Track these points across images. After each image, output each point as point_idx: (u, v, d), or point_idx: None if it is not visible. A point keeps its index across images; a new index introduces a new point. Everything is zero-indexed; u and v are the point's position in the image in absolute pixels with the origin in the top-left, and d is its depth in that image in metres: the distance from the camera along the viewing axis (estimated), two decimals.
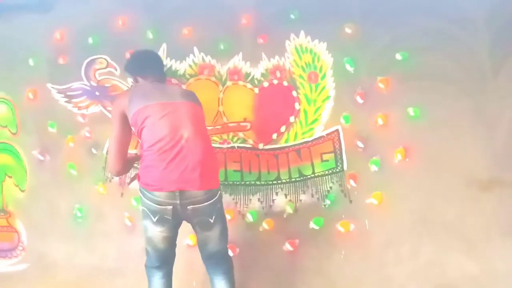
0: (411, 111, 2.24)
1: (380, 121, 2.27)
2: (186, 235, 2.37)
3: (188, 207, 1.86)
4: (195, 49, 2.51)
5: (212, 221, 1.90)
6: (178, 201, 1.84)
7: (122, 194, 2.60)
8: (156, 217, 1.89)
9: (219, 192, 1.96)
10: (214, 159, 1.99)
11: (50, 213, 2.71)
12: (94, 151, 2.65)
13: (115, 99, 2.05)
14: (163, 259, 1.99)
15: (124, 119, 1.96)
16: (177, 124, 1.88)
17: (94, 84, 2.68)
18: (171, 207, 1.86)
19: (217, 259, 1.99)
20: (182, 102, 1.95)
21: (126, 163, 2.02)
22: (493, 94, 2.18)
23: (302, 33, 2.37)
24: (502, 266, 2.14)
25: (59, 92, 2.73)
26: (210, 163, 1.92)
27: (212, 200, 1.89)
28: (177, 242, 2.03)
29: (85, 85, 2.69)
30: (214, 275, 2.01)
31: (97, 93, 2.67)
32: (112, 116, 2.00)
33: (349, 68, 2.32)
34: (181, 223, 1.98)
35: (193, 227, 1.96)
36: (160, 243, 1.95)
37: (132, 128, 1.99)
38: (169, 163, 1.84)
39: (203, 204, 1.87)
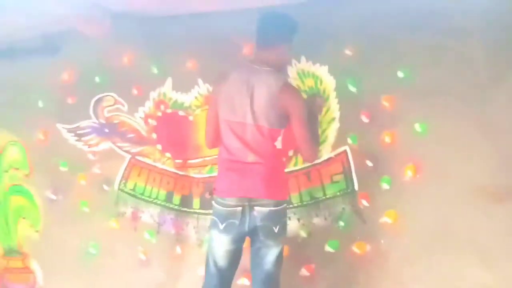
0: (417, 127, 2.24)
1: (387, 139, 2.28)
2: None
3: (255, 209, 1.93)
4: (200, 81, 2.56)
5: (276, 231, 1.94)
6: (246, 203, 1.93)
7: (135, 228, 2.60)
8: (224, 224, 1.93)
9: (286, 205, 2.04)
10: (282, 171, 2.08)
11: (65, 252, 2.71)
12: (105, 187, 2.68)
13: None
14: (222, 277, 1.99)
15: None
16: None
17: (103, 121, 2.73)
18: (240, 208, 1.92)
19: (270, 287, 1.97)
20: None
21: None
22: (495, 103, 2.18)
23: (303, 58, 2.41)
24: None
25: (69, 131, 2.78)
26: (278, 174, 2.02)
27: (278, 208, 1.95)
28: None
29: (94, 123, 2.74)
30: None
31: (106, 130, 2.72)
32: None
33: (352, 88, 2.34)
34: (245, 237, 2.00)
35: (255, 238, 1.97)
36: (222, 258, 1.98)
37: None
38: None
39: (268, 209, 1.93)
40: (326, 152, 2.36)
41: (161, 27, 2.61)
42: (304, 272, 2.32)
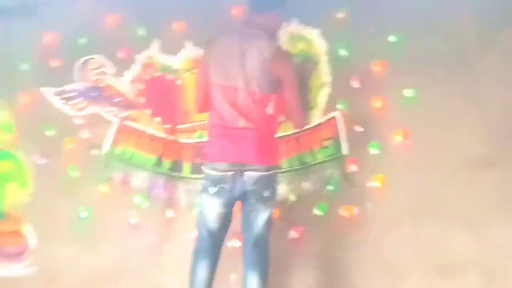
0: (407, 93, 2.25)
1: (377, 105, 2.28)
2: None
3: (245, 173, 1.94)
4: (188, 43, 2.49)
5: (266, 195, 1.97)
6: (237, 168, 1.94)
7: (125, 192, 2.61)
8: (215, 188, 1.96)
9: (276, 171, 2.04)
10: (272, 137, 2.08)
11: (55, 216, 2.71)
12: (93, 152, 2.65)
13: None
14: (214, 239, 2.03)
15: None
16: None
17: (88, 85, 2.67)
18: (231, 173, 1.93)
19: (260, 250, 2.01)
20: None
21: None
22: (482, 74, 2.20)
23: (294, 21, 2.35)
24: (502, 241, 2.17)
25: (54, 95, 2.72)
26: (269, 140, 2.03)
27: (269, 173, 1.97)
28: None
29: (80, 86, 2.68)
30: (251, 269, 1.99)
31: (92, 94, 2.66)
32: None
33: (343, 53, 2.32)
34: (236, 201, 2.03)
35: (246, 202, 2.00)
36: (213, 222, 2.00)
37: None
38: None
39: (259, 173, 1.94)
40: (316, 117, 2.37)
41: None
42: (293, 234, 2.38)
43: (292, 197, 2.39)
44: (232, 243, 2.35)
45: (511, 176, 2.17)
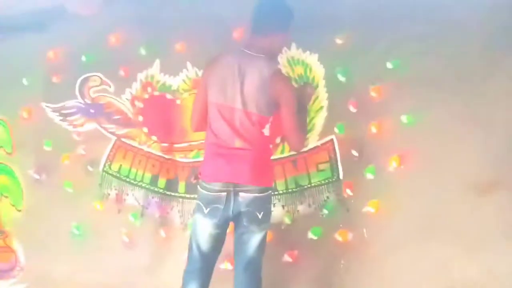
0: (404, 118, 2.25)
1: (374, 129, 2.29)
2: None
3: (240, 194, 1.92)
4: (188, 64, 2.53)
5: (259, 217, 1.95)
6: (231, 189, 1.92)
7: (119, 210, 2.60)
8: (208, 208, 1.94)
9: (270, 192, 2.03)
10: (268, 158, 2.08)
11: (48, 232, 2.70)
12: (90, 168, 2.65)
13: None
14: (205, 261, 2.01)
15: None
16: None
17: (88, 101, 2.69)
18: (225, 193, 1.92)
19: (251, 273, 1.98)
20: None
21: None
22: (486, 97, 2.19)
23: (293, 45, 2.39)
24: (504, 268, 2.13)
25: (54, 110, 2.74)
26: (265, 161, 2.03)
27: (263, 194, 1.96)
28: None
29: (80, 103, 2.70)
30: None
31: (91, 111, 2.69)
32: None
33: (341, 78, 2.34)
34: (229, 222, 2.01)
35: (239, 223, 1.98)
36: (206, 242, 1.98)
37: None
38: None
39: (253, 195, 1.93)
40: (313, 140, 2.37)
41: (151, 8, 2.57)
42: (286, 258, 2.35)
43: (287, 220, 2.37)
44: (224, 266, 2.31)
45: None
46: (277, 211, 2.36)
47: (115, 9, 2.50)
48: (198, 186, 2.04)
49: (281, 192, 2.38)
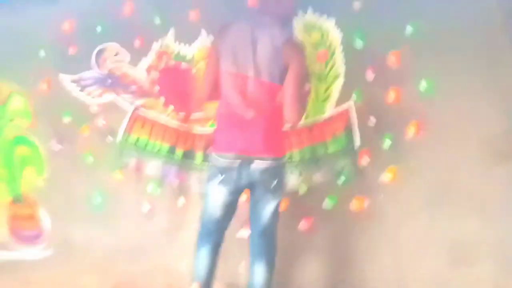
0: (423, 84, 2.20)
1: (392, 96, 2.24)
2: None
3: (253, 163, 1.93)
4: (203, 31, 2.50)
5: (273, 186, 1.96)
6: (245, 158, 1.93)
7: (139, 179, 2.64)
8: (222, 177, 1.96)
9: (283, 161, 2.04)
10: (280, 128, 2.06)
11: (70, 201, 2.78)
12: (109, 138, 2.69)
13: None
14: (217, 225, 2.04)
15: None
16: None
17: (105, 72, 2.70)
18: (238, 162, 1.93)
19: (266, 240, 2.02)
20: None
21: None
22: (506, 65, 2.12)
23: (310, 10, 2.33)
24: None
25: (72, 81, 2.76)
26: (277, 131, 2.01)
27: (276, 163, 1.96)
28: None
29: (97, 73, 2.71)
30: (257, 259, 2.01)
31: (109, 81, 2.70)
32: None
33: (358, 43, 2.28)
34: (242, 190, 2.04)
35: (253, 192, 2.01)
36: (218, 209, 2.01)
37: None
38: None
39: (266, 164, 1.94)
40: (330, 108, 2.34)
41: None
42: (303, 225, 2.37)
43: (303, 188, 2.38)
44: (241, 233, 2.35)
45: None
46: (293, 180, 2.37)
47: None
48: (212, 154, 2.05)
49: (297, 160, 2.39)
